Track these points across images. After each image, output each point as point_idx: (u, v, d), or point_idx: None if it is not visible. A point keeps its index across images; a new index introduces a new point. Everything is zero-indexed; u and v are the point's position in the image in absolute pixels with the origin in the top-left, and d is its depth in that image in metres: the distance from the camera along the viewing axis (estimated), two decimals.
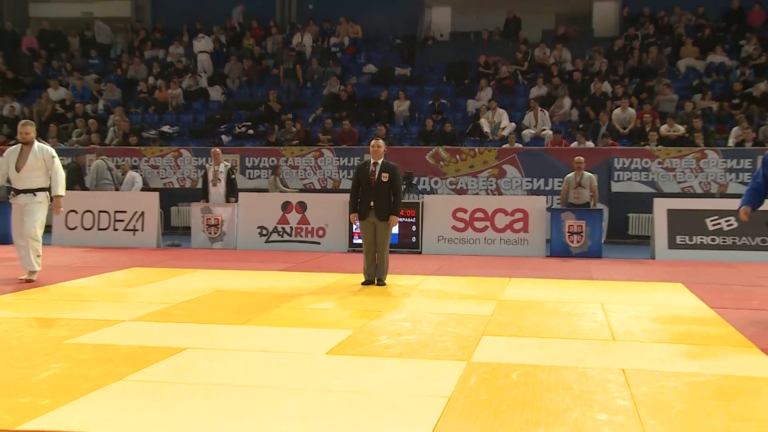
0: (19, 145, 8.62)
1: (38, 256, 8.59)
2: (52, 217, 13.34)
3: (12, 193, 8.59)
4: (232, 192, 13.03)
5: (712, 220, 11.66)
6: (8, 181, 8.74)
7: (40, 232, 8.61)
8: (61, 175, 8.63)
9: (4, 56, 21.18)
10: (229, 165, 13.48)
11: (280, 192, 14.19)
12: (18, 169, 8.49)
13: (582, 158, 12.30)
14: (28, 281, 8.47)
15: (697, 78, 16.94)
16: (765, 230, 6.22)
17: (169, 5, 22.43)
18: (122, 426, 3.86)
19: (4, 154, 8.73)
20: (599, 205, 12.48)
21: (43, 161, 8.53)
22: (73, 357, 5.24)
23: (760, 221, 6.94)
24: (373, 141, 8.87)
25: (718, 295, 8.11)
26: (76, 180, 14.38)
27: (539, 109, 16.03)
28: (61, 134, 17.42)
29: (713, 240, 11.71)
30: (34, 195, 8.52)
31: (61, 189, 8.59)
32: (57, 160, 8.65)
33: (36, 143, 8.62)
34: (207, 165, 13.50)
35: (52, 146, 16.26)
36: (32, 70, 20.84)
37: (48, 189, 8.60)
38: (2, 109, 18.69)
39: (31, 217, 8.50)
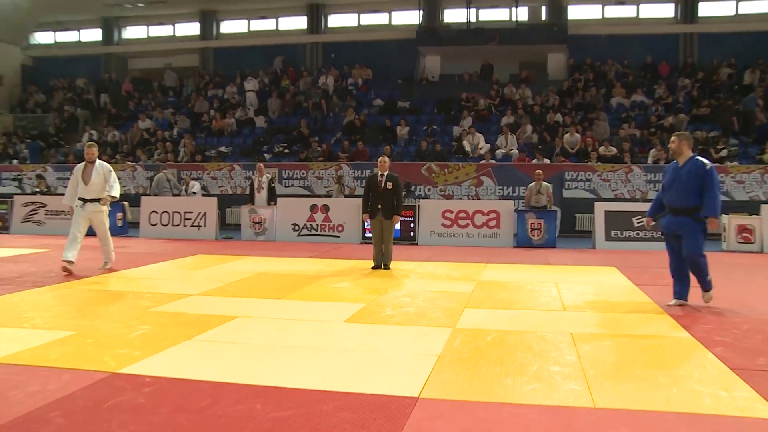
0: (84, 162, 8.31)
1: (111, 250, 8.42)
2: (139, 216, 13.51)
3: (80, 202, 8.21)
4: (272, 197, 13.01)
5: (637, 219, 11.61)
6: None
7: (108, 233, 8.41)
8: (117, 183, 8.32)
9: (110, 98, 21.85)
10: (270, 176, 13.45)
11: (344, 197, 13.87)
12: (85, 183, 8.18)
13: (541, 171, 12.27)
14: (75, 268, 8.01)
15: (624, 112, 16.94)
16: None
17: (226, 56, 22.60)
18: (192, 372, 3.90)
19: (74, 170, 8.37)
20: (554, 208, 12.42)
21: (103, 175, 8.22)
22: (155, 321, 5.29)
23: None
24: (381, 158, 8.86)
25: (641, 275, 8.11)
26: None
27: (508, 133, 15.96)
28: (146, 154, 17.58)
29: (638, 234, 11.67)
30: (100, 203, 8.25)
31: (114, 192, 8.26)
32: (113, 173, 8.34)
33: (97, 161, 8.30)
34: (253, 176, 13.50)
35: (142, 162, 16.42)
36: (128, 107, 21.14)
37: None
38: (107, 136, 19.03)
39: (100, 223, 8.29)
